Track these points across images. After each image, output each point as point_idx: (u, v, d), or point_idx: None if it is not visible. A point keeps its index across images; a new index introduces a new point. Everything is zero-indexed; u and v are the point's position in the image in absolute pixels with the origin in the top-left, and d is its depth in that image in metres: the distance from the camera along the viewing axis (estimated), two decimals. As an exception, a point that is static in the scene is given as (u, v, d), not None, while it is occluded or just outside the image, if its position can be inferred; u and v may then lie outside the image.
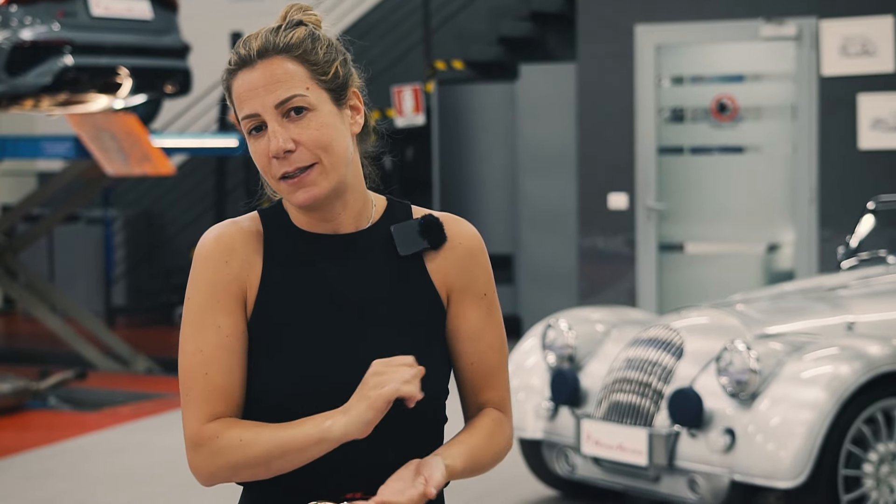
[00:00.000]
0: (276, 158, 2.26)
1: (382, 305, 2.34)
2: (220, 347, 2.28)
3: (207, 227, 2.44)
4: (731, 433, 5.65)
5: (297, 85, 2.27)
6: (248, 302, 2.32)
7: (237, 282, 2.31)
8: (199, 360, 2.28)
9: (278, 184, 2.29)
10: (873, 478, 5.66)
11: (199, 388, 2.27)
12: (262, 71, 2.27)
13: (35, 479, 7.43)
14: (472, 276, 2.40)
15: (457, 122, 12.28)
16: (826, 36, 9.91)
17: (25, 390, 9.21)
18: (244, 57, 2.29)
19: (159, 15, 10.00)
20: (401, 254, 2.37)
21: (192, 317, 2.29)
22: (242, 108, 2.29)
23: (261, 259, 2.34)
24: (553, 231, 11.70)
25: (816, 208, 10.01)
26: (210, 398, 2.27)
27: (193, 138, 12.12)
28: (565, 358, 6.50)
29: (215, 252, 2.32)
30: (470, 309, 2.40)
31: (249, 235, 2.35)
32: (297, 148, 2.26)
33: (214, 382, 2.27)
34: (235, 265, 2.32)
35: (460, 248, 2.40)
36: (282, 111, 2.26)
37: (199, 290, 2.30)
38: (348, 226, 2.37)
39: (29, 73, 9.07)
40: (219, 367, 2.27)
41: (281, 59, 2.28)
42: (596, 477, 6.22)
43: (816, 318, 6.32)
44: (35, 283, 11.52)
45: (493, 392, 2.44)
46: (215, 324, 2.28)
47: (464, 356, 2.41)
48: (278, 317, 2.32)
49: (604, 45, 10.59)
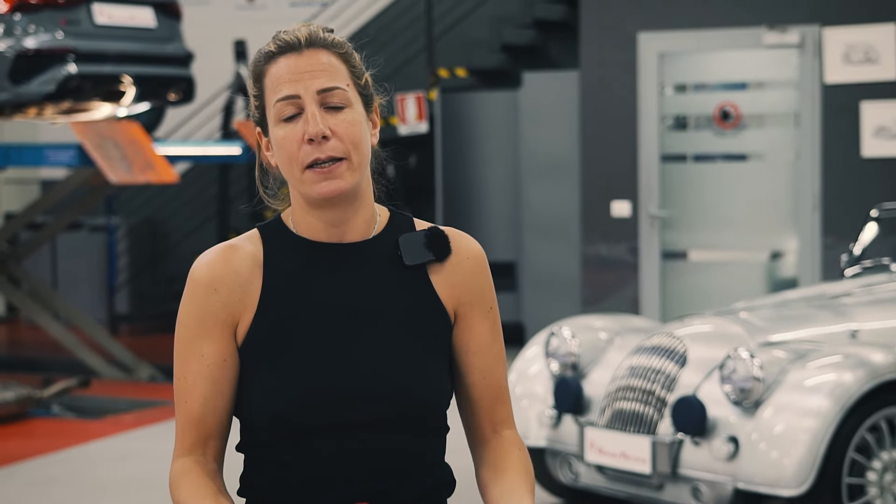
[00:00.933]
0: (309, 144, 2.28)
1: (386, 314, 2.35)
2: (200, 377, 2.33)
3: (211, 234, 2.46)
4: (734, 441, 5.64)
5: (340, 79, 2.31)
6: (242, 325, 2.34)
7: (226, 309, 2.33)
8: (182, 386, 2.35)
9: (302, 174, 2.29)
10: (877, 486, 5.65)
11: (179, 415, 2.37)
12: (309, 58, 2.30)
13: (39, 486, 7.43)
14: (479, 291, 2.42)
15: (460, 130, 12.29)
16: (829, 44, 9.92)
17: (29, 398, 9.21)
18: (291, 42, 2.30)
19: (163, 23, 10.01)
20: (406, 264, 2.38)
21: (180, 342, 2.36)
22: (280, 90, 2.29)
23: (260, 277, 2.35)
24: (556, 238, 11.69)
25: (820, 216, 10.01)
26: (186, 427, 2.36)
27: (197, 146, 12.12)
28: (568, 366, 6.50)
29: (205, 279, 2.34)
30: (478, 323, 2.42)
31: (245, 258, 2.36)
32: (332, 138, 2.28)
33: (191, 412, 2.34)
34: (225, 292, 2.33)
35: (468, 262, 2.41)
36: (322, 99, 2.29)
37: (188, 315, 2.35)
38: (354, 234, 2.37)
39: (32, 81, 9.08)
40: (196, 396, 2.34)
41: (328, 52, 2.32)
42: (599, 485, 6.21)
43: (820, 325, 6.32)
44: (38, 291, 11.53)
45: (504, 407, 2.46)
46: (199, 352, 2.33)
47: (474, 370, 2.42)
48: (280, 327, 2.33)
49: (607, 53, 10.60)
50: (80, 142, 9.60)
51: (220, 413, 2.35)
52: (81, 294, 13.68)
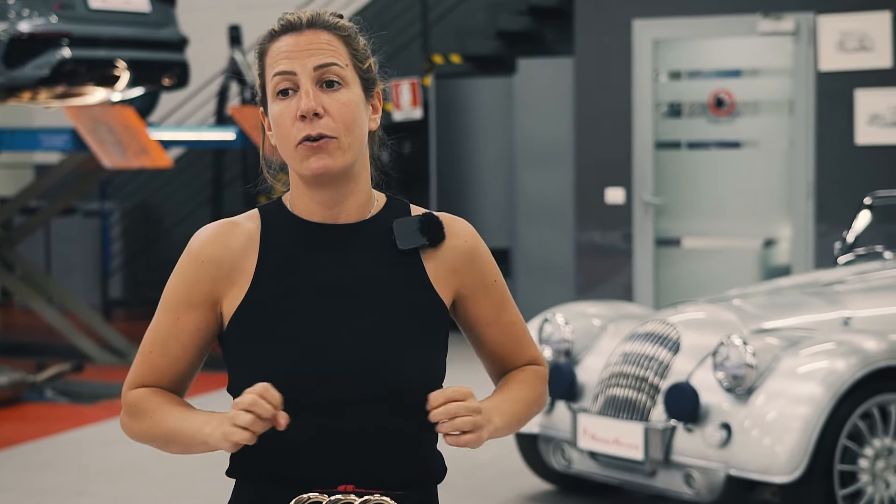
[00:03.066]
0: (301, 120, 2.30)
1: (378, 294, 2.37)
2: (170, 335, 2.40)
3: (204, 219, 2.50)
4: (727, 428, 5.65)
5: (338, 57, 2.34)
6: (232, 299, 2.37)
7: (211, 283, 2.38)
8: (151, 337, 2.43)
9: (295, 150, 2.32)
10: (869, 473, 5.66)
11: (140, 360, 2.43)
12: (309, 37, 2.34)
13: (31, 471, 7.43)
14: (478, 273, 2.45)
15: (454, 116, 12.28)
16: (823, 31, 9.92)
17: (22, 383, 9.21)
18: (293, 22, 2.35)
19: (157, 7, 9.99)
20: (400, 247, 2.39)
21: (164, 299, 2.44)
22: (277, 65, 2.33)
23: (255, 254, 2.38)
24: (550, 225, 11.70)
25: (813, 203, 10.02)
26: (144, 371, 2.42)
27: (191, 131, 12.11)
28: (562, 352, 6.51)
29: (195, 252, 2.41)
30: (483, 301, 2.46)
31: (241, 235, 2.40)
32: (325, 116, 2.30)
33: (153, 361, 2.41)
34: (212, 268, 2.38)
35: (463, 246, 2.44)
36: (318, 76, 2.32)
37: (176, 278, 2.43)
38: (349, 216, 2.39)
39: (27, 66, 9.06)
40: (163, 350, 2.41)
41: (328, 33, 2.35)
42: (592, 471, 6.22)
43: (813, 313, 6.33)
44: (32, 276, 11.52)
45: (527, 352, 2.53)
46: (176, 314, 2.40)
47: (489, 338, 2.49)
48: (270, 304, 2.35)
49: (601, 40, 10.60)
50: (74, 126, 9.59)
51: (179, 374, 2.41)
52: (75, 279, 13.67)
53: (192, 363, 2.42)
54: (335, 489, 2.31)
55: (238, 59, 12.21)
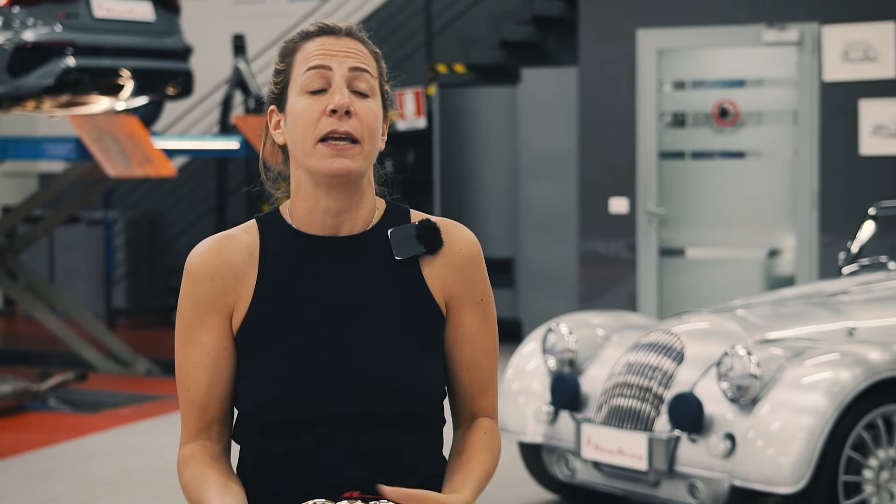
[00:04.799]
0: (331, 115, 2.31)
1: (378, 308, 2.36)
2: (200, 365, 2.37)
3: (209, 228, 2.50)
4: (731, 438, 5.64)
5: (371, 67, 2.37)
6: (238, 312, 2.36)
7: (221, 298, 2.37)
8: (183, 374, 2.39)
9: (314, 147, 2.32)
10: (873, 484, 5.65)
11: (182, 402, 2.41)
12: (346, 42, 2.37)
13: (35, 480, 7.43)
14: (470, 283, 2.43)
15: (458, 126, 12.28)
16: (828, 41, 9.92)
17: (25, 391, 9.21)
18: (332, 27, 2.38)
19: (161, 17, 10.00)
20: (396, 257, 2.39)
21: (180, 331, 2.40)
22: (312, 60, 2.34)
23: (255, 267, 2.38)
24: (554, 235, 11.69)
25: (817, 214, 10.01)
26: (190, 414, 2.41)
27: (195, 140, 12.12)
28: (566, 362, 6.50)
29: (200, 270, 2.38)
30: (467, 315, 2.42)
31: (240, 248, 2.39)
32: (354, 117, 2.32)
33: (194, 399, 2.39)
34: (220, 282, 2.37)
35: (460, 254, 2.42)
36: (352, 78, 2.34)
37: (186, 305, 2.39)
38: (350, 228, 2.38)
39: (31, 75, 9.07)
40: (198, 384, 2.38)
41: (364, 46, 2.39)
42: (596, 481, 6.22)
43: (817, 323, 6.32)
44: (35, 285, 11.52)
45: (487, 400, 2.49)
46: (198, 340, 2.37)
47: (461, 362, 2.44)
48: (273, 319, 2.35)
49: (605, 50, 10.60)
50: (78, 135, 9.60)
51: (221, 400, 2.39)
52: (79, 288, 13.67)
53: (229, 385, 2.39)
54: (340, 496, 2.31)
55: (242, 68, 12.22)
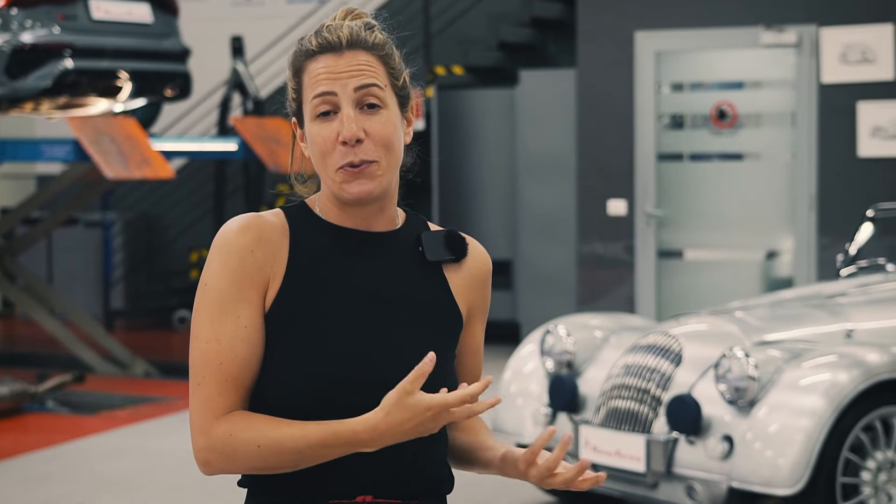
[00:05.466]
0: (343, 145, 2.29)
1: (406, 306, 2.36)
2: (238, 339, 2.26)
3: (207, 230, 2.47)
4: (729, 440, 5.65)
5: (378, 78, 2.33)
6: (269, 293, 2.30)
7: (261, 273, 2.29)
8: (216, 349, 2.25)
9: (336, 173, 2.30)
10: (871, 485, 5.65)
11: (212, 378, 2.25)
12: (349, 59, 2.33)
13: (33, 482, 7.42)
14: (484, 297, 2.49)
15: (456, 128, 12.29)
16: (826, 43, 9.92)
17: (23, 393, 9.20)
18: (332, 42, 2.33)
19: (159, 19, 10.00)
20: (428, 259, 2.40)
21: (210, 305, 2.27)
22: (318, 86, 2.31)
23: (286, 251, 2.33)
24: (552, 237, 11.70)
25: (815, 216, 10.02)
26: (223, 390, 2.25)
27: (193, 142, 12.12)
28: (564, 364, 6.50)
29: (241, 240, 2.29)
30: (478, 326, 2.49)
31: (275, 227, 2.34)
32: (366, 140, 2.30)
33: (229, 373, 2.25)
34: (260, 255, 2.30)
35: (481, 268, 2.47)
36: (359, 97, 2.31)
37: (221, 278, 2.27)
38: (380, 226, 2.40)
39: (29, 76, 9.07)
40: (234, 358, 2.25)
41: (367, 53, 2.35)
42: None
43: (815, 325, 6.33)
44: (34, 286, 11.52)
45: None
46: (235, 314, 2.26)
47: (467, 370, 2.49)
48: (303, 307, 2.31)
49: (604, 52, 10.60)
50: (76, 137, 9.60)
51: (253, 378, 2.28)
52: (77, 289, 13.67)
53: (260, 361, 2.28)
54: (353, 500, 2.29)
55: (240, 69, 12.23)
